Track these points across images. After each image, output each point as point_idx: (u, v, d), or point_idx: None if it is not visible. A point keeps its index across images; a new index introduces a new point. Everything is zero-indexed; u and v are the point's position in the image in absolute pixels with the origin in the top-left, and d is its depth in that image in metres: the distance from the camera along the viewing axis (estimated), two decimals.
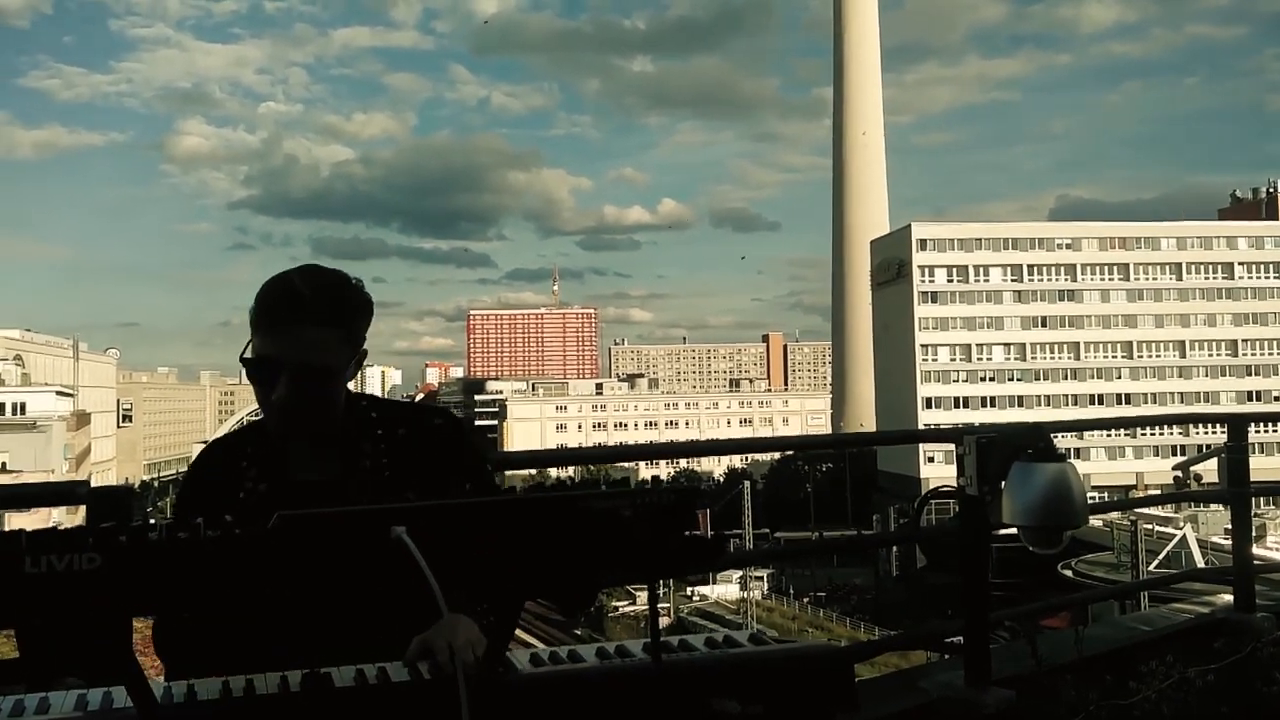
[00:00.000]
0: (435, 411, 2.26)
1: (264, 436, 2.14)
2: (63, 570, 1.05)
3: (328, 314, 2.01)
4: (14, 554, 1.04)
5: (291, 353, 1.99)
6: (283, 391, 2.00)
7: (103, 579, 1.08)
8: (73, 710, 1.52)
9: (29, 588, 1.04)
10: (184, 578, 1.13)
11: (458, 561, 1.22)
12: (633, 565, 1.21)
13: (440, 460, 2.14)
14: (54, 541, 1.07)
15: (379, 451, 2.12)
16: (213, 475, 2.15)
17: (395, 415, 2.20)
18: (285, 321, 1.99)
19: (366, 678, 1.66)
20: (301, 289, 2.00)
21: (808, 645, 1.80)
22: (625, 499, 1.20)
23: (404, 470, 2.11)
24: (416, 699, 1.63)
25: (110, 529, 1.10)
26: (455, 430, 2.24)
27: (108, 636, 1.16)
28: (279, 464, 2.10)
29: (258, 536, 1.17)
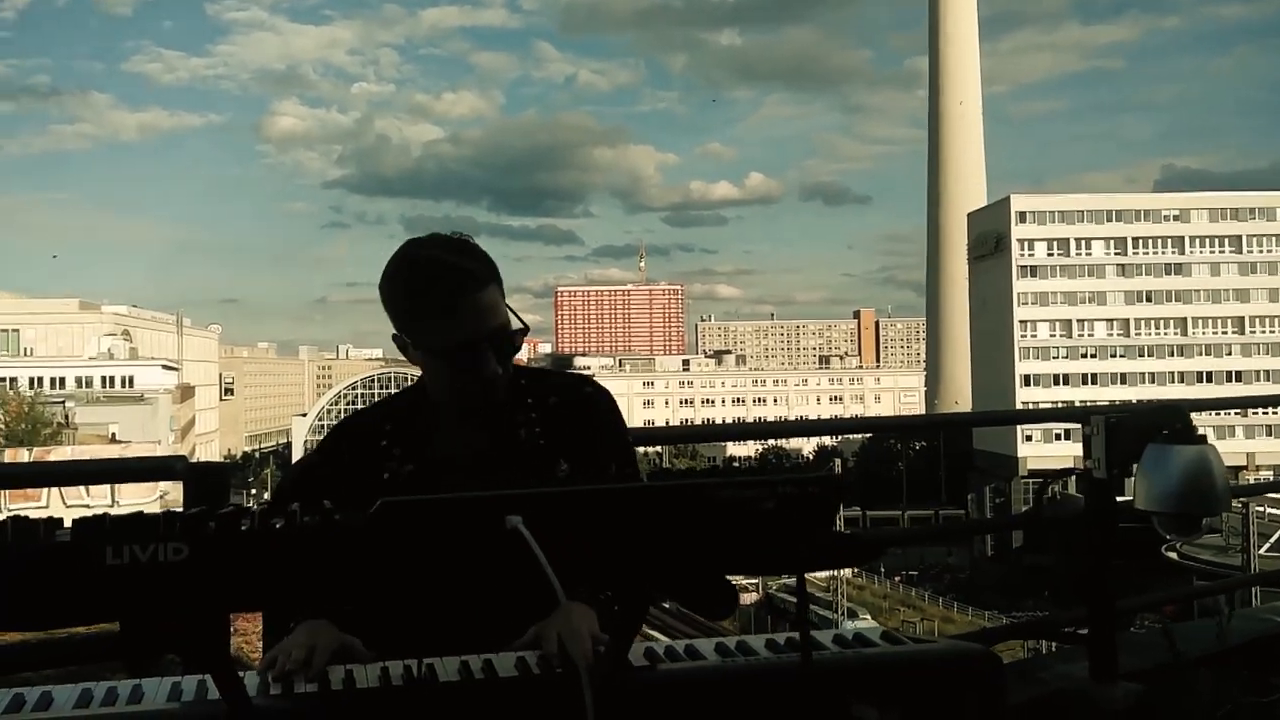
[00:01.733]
0: (584, 380, 2.16)
1: (403, 412, 2.05)
2: (147, 562, 0.95)
3: (484, 275, 1.92)
4: (94, 544, 0.95)
5: (481, 326, 1.90)
6: (491, 366, 1.91)
7: (190, 571, 0.97)
8: (165, 700, 1.44)
9: (111, 581, 0.95)
10: (279, 570, 1.02)
11: (576, 553, 1.09)
12: (777, 562, 1.08)
13: (592, 431, 2.04)
14: (137, 530, 0.97)
15: (531, 421, 2.02)
16: (347, 455, 2.04)
17: (545, 383, 2.10)
18: (462, 297, 1.89)
19: (472, 670, 1.56)
20: (452, 259, 1.90)
21: (956, 646, 1.64)
22: (765, 489, 1.06)
23: (557, 441, 2.00)
24: (527, 692, 1.52)
25: (199, 516, 1.00)
26: (605, 400, 2.13)
27: (196, 630, 1.06)
28: (423, 441, 2.00)
29: (359, 525, 1.06)
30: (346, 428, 2.14)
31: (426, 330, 1.94)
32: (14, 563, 0.95)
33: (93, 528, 0.98)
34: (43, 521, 0.99)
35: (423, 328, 1.94)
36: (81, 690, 1.47)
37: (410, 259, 1.95)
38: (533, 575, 1.10)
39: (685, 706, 1.48)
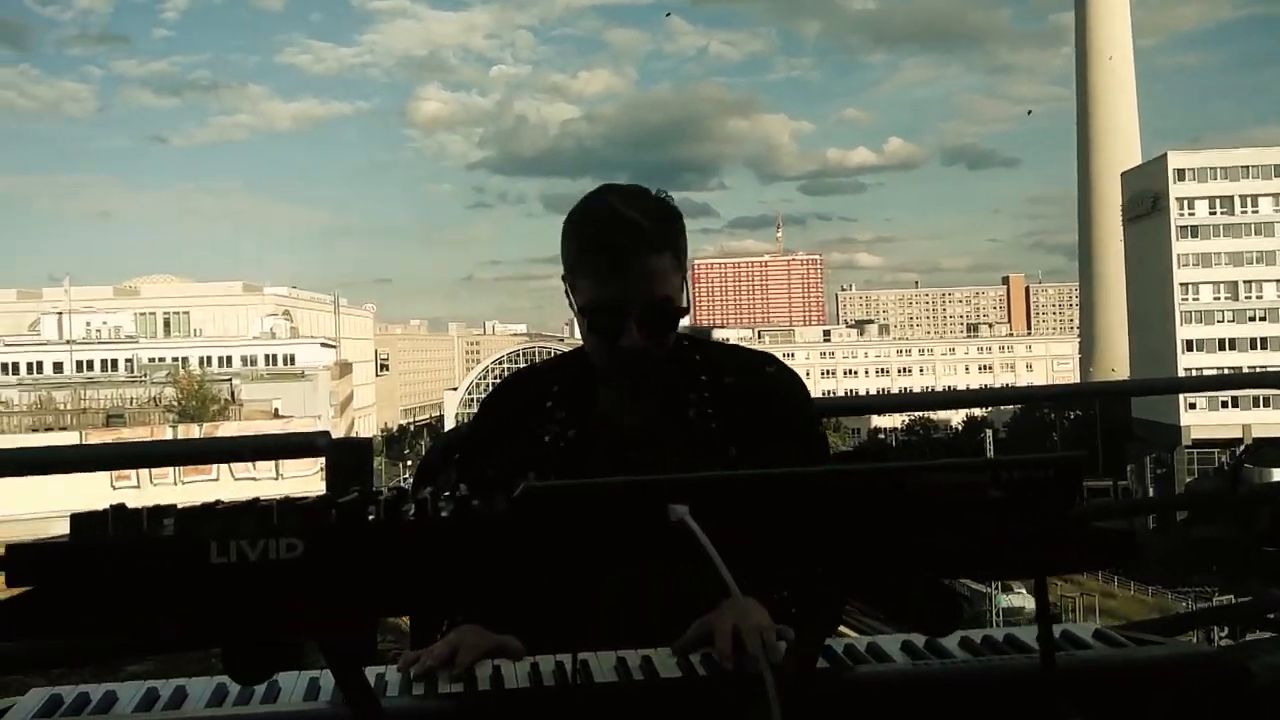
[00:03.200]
0: (765, 358, 1.96)
1: (571, 374, 1.89)
2: (256, 560, 0.82)
3: (660, 239, 1.75)
4: (198, 540, 0.82)
5: (636, 291, 1.73)
6: (632, 337, 1.74)
7: (304, 570, 0.84)
8: (301, 700, 1.34)
9: (215, 581, 0.82)
10: (409, 568, 0.88)
11: (752, 548, 0.92)
12: (1009, 564, 0.88)
13: (771, 417, 1.84)
14: (247, 524, 0.84)
15: (703, 399, 1.84)
16: (510, 414, 1.91)
17: (721, 359, 1.91)
18: (621, 256, 1.72)
19: (630, 669, 1.41)
20: (628, 215, 1.73)
21: (1187, 650, 1.42)
22: (988, 474, 0.86)
23: (729, 424, 1.82)
24: (690, 694, 1.36)
25: (317, 507, 0.86)
26: (789, 382, 1.93)
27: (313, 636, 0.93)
28: (589, 406, 1.84)
29: (499, 514, 0.91)
30: (511, 384, 2.00)
31: (582, 281, 1.78)
32: (111, 559, 0.82)
33: (198, 520, 0.85)
34: (148, 510, 0.86)
35: (581, 278, 1.78)
36: (216, 685, 1.37)
37: (589, 204, 1.81)
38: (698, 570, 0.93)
39: (874, 716, 1.30)
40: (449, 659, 1.46)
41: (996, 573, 0.90)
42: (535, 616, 1.47)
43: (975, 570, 0.89)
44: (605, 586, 0.98)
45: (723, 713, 1.31)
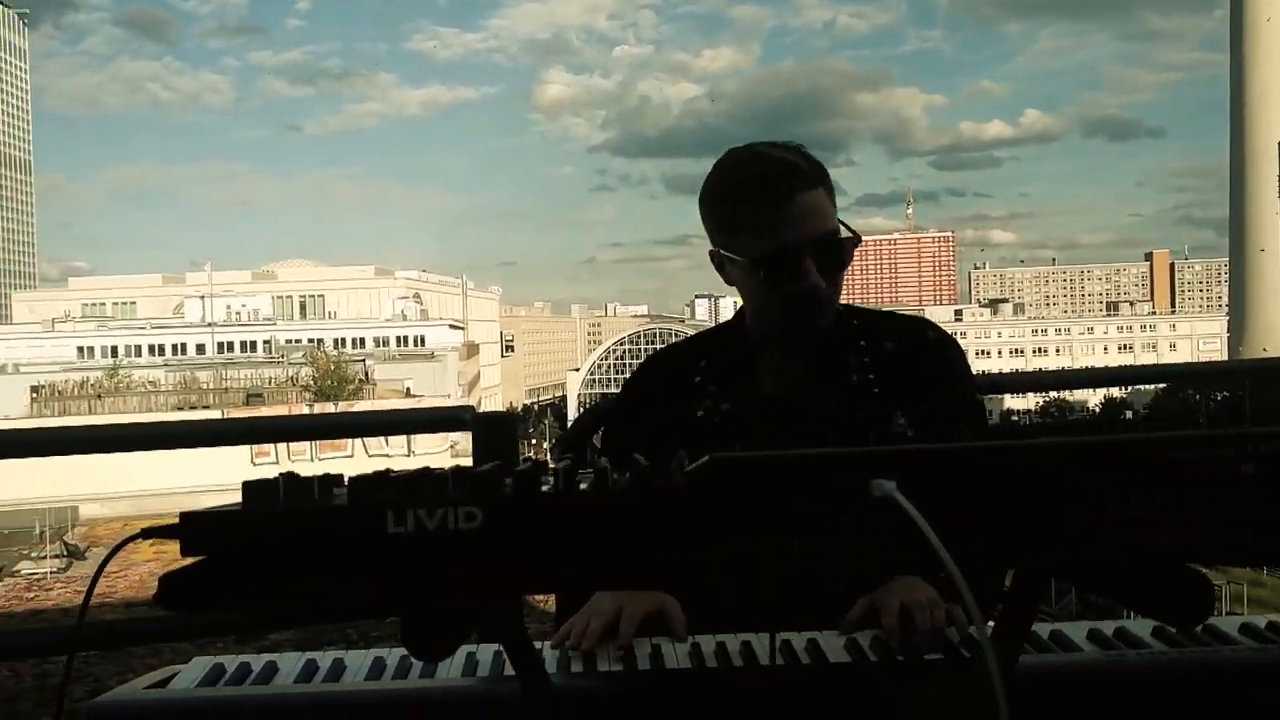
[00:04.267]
0: (926, 324, 1.89)
1: (717, 349, 1.84)
2: (435, 530, 0.78)
3: (817, 173, 1.69)
4: (374, 509, 0.78)
5: (806, 228, 1.65)
6: (814, 278, 1.67)
7: (483, 541, 0.79)
8: (460, 675, 1.31)
9: (393, 551, 0.78)
10: (586, 541, 0.83)
11: (957, 532, 0.84)
12: (1266, 548, 0.78)
13: (936, 382, 1.76)
14: (424, 491, 0.80)
15: (863, 366, 1.76)
16: (657, 393, 1.86)
17: (881, 326, 1.83)
18: (785, 197, 1.64)
19: (795, 651, 1.35)
20: (779, 155, 1.68)
21: None
22: (1232, 447, 0.77)
23: (892, 390, 1.74)
24: (858, 680, 1.29)
25: (492, 476, 0.81)
26: (952, 348, 1.85)
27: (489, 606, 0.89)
28: (741, 378, 1.79)
29: (680, 486, 0.85)
30: (658, 360, 1.95)
31: (744, 234, 1.70)
32: (285, 528, 0.79)
33: (372, 488, 0.81)
34: (318, 479, 0.83)
35: (741, 232, 1.71)
36: (374, 659, 1.36)
37: (733, 156, 1.74)
38: (901, 549, 0.86)
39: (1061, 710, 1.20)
40: (608, 631, 1.42)
41: (1252, 558, 0.80)
42: (712, 594, 1.42)
43: (1230, 556, 0.79)
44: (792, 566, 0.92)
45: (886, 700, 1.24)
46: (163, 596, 0.81)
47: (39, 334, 67.16)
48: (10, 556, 27.91)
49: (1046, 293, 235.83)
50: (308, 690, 1.28)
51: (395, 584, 0.78)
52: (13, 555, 28.07)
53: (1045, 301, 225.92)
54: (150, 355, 61.89)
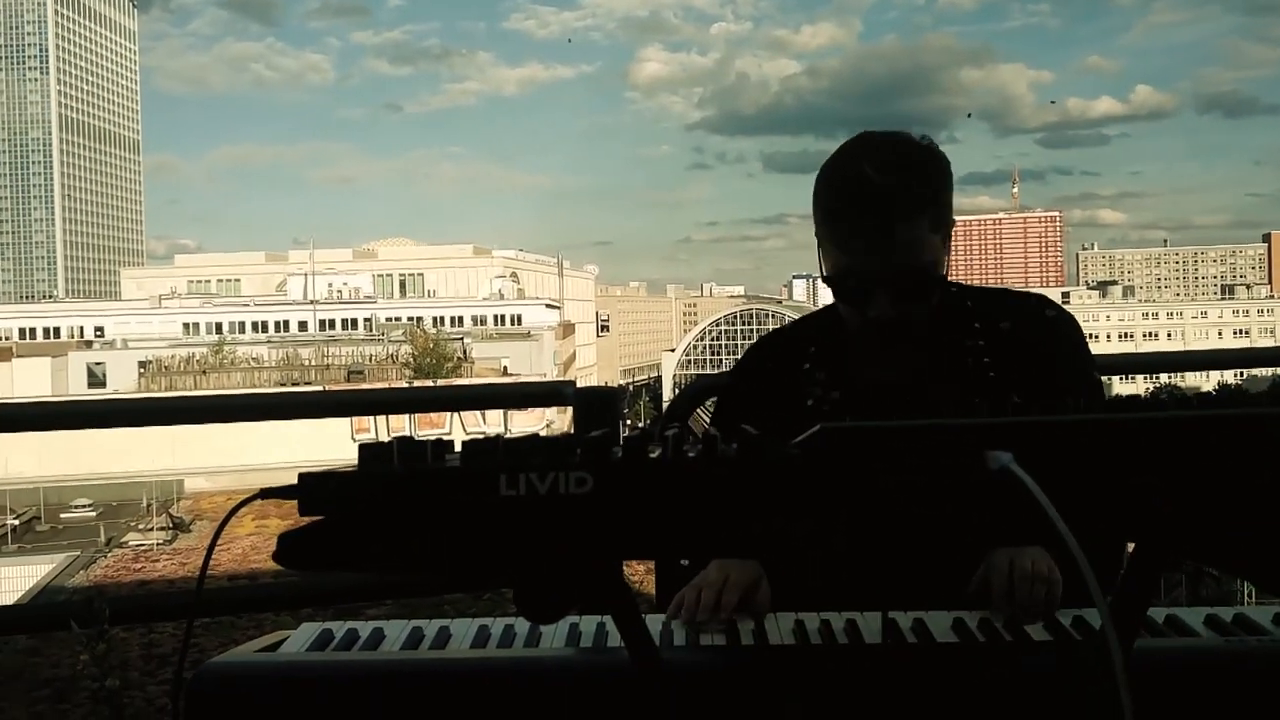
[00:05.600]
0: (1044, 302, 1.83)
1: (826, 333, 1.82)
2: (546, 493, 0.78)
3: (915, 203, 1.62)
4: (487, 472, 0.78)
5: (882, 261, 1.62)
6: (880, 308, 1.65)
7: (593, 506, 0.79)
8: (564, 645, 1.32)
9: (505, 513, 0.78)
10: (693, 509, 0.82)
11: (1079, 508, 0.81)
12: None
13: (1054, 363, 1.72)
14: (536, 455, 0.81)
15: (979, 348, 1.74)
16: (766, 381, 1.85)
17: (996, 305, 1.80)
18: (867, 225, 1.62)
19: (901, 630, 1.33)
20: (880, 181, 1.60)
21: None
22: None
23: (1010, 371, 1.71)
24: (967, 661, 1.27)
25: (602, 441, 0.81)
26: (1070, 327, 1.81)
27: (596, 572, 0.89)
28: (852, 366, 1.78)
29: (792, 456, 0.84)
30: (767, 345, 1.94)
31: (829, 245, 1.69)
32: (401, 489, 0.80)
33: (485, 451, 0.82)
34: (430, 443, 0.84)
35: (827, 241, 1.69)
36: (479, 628, 1.38)
37: (839, 163, 1.69)
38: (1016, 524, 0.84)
39: (1179, 695, 1.16)
40: (716, 604, 1.42)
41: None
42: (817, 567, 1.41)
43: None
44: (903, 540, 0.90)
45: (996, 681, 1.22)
46: (281, 554, 0.83)
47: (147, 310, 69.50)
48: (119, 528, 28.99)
49: (1158, 275, 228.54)
50: (415, 657, 1.31)
51: (507, 546, 0.79)
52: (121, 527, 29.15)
53: (1157, 284, 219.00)
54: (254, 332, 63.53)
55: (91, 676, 3.01)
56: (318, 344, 49.91)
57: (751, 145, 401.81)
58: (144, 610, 3.55)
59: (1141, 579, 0.91)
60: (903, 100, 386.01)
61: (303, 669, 1.29)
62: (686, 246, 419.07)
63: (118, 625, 3.02)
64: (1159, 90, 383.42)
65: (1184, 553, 0.86)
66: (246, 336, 59.26)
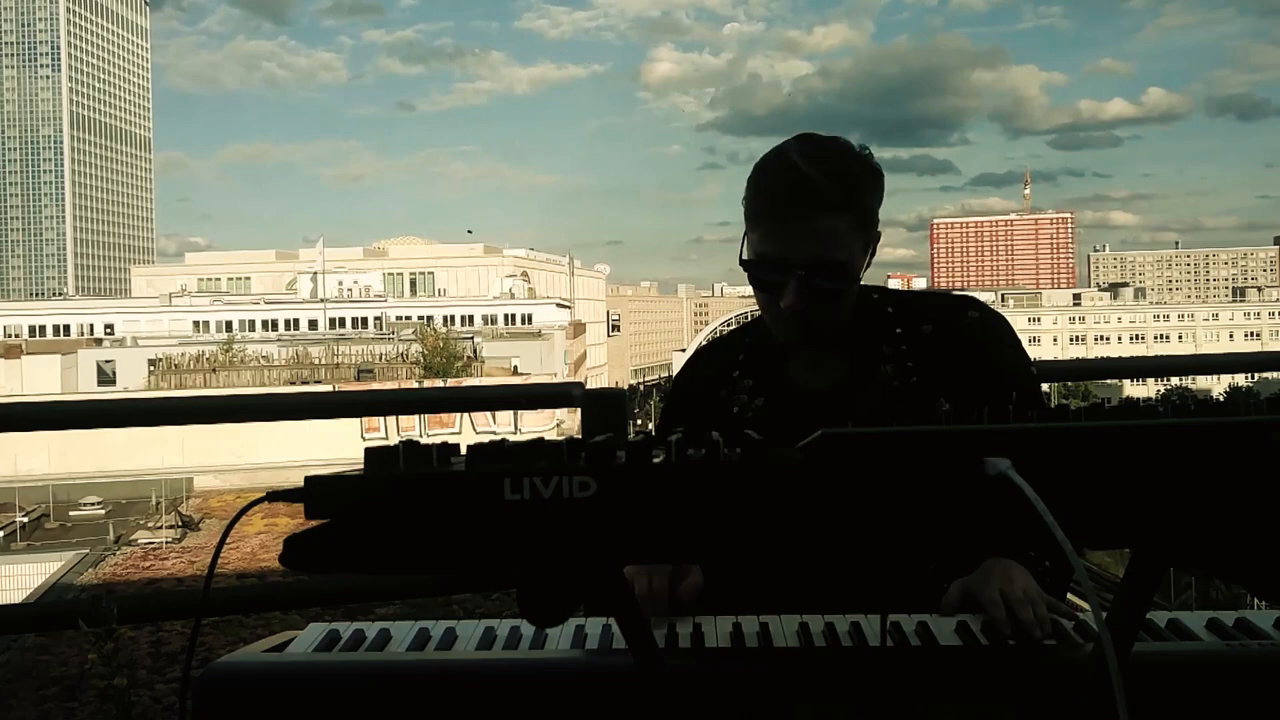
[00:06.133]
0: (967, 302, 1.81)
1: (758, 341, 1.82)
2: (550, 497, 0.79)
3: (838, 198, 1.61)
4: (492, 476, 0.79)
5: (799, 250, 1.62)
6: (791, 298, 1.64)
7: (596, 510, 0.80)
8: (569, 647, 1.33)
9: (508, 518, 0.79)
10: (696, 513, 0.83)
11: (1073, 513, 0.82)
12: None
13: (980, 364, 1.70)
14: (540, 459, 0.81)
15: (900, 354, 1.72)
16: (701, 386, 1.86)
17: (917, 309, 1.78)
18: (788, 213, 1.62)
19: (905, 633, 1.33)
20: (805, 170, 1.61)
21: None
22: None
23: (933, 375, 1.70)
24: (969, 663, 1.27)
25: (606, 445, 0.82)
26: (996, 326, 1.78)
27: (600, 576, 0.90)
28: (776, 372, 1.78)
29: (793, 461, 0.85)
30: (704, 352, 1.95)
31: (750, 233, 1.69)
32: (406, 493, 0.81)
33: (489, 455, 0.83)
34: (436, 447, 0.85)
35: (750, 229, 1.69)
36: (485, 629, 1.39)
37: (768, 157, 1.71)
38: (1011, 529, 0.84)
39: (1178, 699, 1.17)
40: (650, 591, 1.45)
41: None
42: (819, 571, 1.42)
43: None
44: (900, 545, 0.90)
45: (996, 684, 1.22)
46: (288, 556, 0.83)
47: (157, 308, 69.71)
48: (128, 526, 29.06)
49: (1169, 277, 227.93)
50: (421, 658, 1.31)
51: (511, 550, 0.79)
52: (130, 525, 29.21)
53: (1168, 286, 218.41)
54: (264, 330, 63.66)
55: (99, 675, 3.02)
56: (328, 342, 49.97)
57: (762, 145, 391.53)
58: (152, 609, 3.57)
59: (1139, 584, 0.92)
60: (914, 101, 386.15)
61: (309, 669, 1.29)
62: (697, 246, 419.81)
63: (126, 624, 3.03)
64: (1171, 92, 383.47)
65: (1181, 560, 0.86)
66: (256, 335, 59.38)
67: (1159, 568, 0.90)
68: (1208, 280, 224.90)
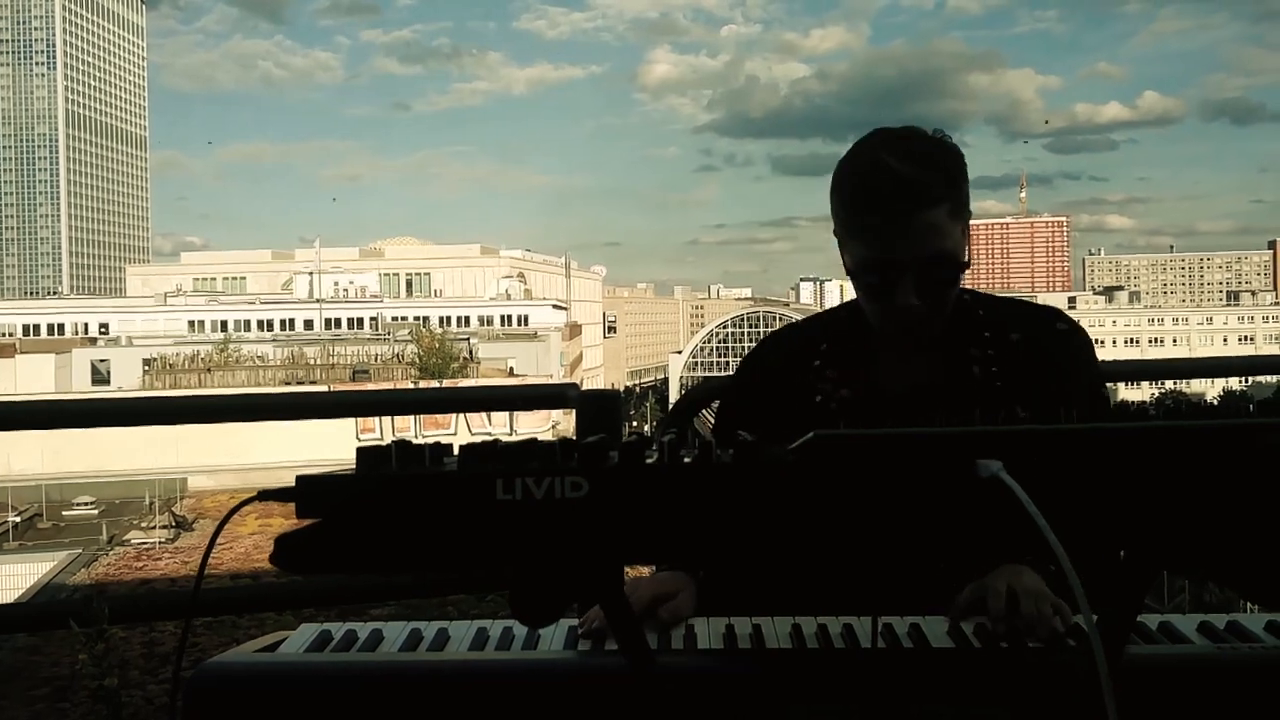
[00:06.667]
0: (1055, 314, 1.83)
1: (840, 332, 1.82)
2: (542, 498, 0.79)
3: (939, 190, 1.62)
4: (484, 477, 0.79)
5: (909, 248, 1.62)
6: (910, 295, 1.63)
7: (589, 510, 0.80)
8: (562, 648, 1.33)
9: (501, 518, 0.79)
10: (688, 514, 0.83)
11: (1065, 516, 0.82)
12: None
13: (1061, 375, 1.71)
14: (532, 460, 0.81)
15: (988, 358, 1.73)
16: (774, 373, 1.84)
17: (1007, 315, 1.79)
18: (894, 213, 1.61)
19: (898, 636, 1.33)
20: (900, 168, 1.61)
21: None
22: None
23: (1016, 383, 1.70)
24: (964, 666, 1.27)
25: (599, 446, 0.82)
26: (1081, 340, 1.80)
27: (593, 577, 0.90)
28: (863, 366, 1.77)
29: (785, 462, 0.85)
30: (778, 340, 1.93)
31: (853, 239, 1.69)
32: (398, 493, 0.81)
33: (482, 456, 0.82)
34: (429, 447, 0.85)
35: (850, 235, 1.69)
36: (477, 630, 1.38)
37: (855, 156, 1.69)
38: (1004, 531, 0.84)
39: (1168, 702, 1.17)
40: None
41: None
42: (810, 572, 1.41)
43: None
44: (893, 546, 0.90)
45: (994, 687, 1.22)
46: (278, 556, 0.83)
47: (152, 307, 69.56)
48: (121, 526, 28.97)
49: (1164, 281, 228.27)
50: (414, 659, 1.31)
51: (503, 550, 0.79)
52: (123, 525, 29.12)
53: (1163, 290, 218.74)
54: (259, 330, 63.51)
55: (90, 676, 3.01)
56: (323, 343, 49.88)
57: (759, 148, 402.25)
58: (143, 610, 3.56)
59: (1131, 587, 0.92)
60: (911, 104, 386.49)
61: (301, 670, 1.29)
62: (694, 248, 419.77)
63: (117, 625, 3.02)
64: (1166, 96, 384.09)
65: (1172, 563, 0.86)
66: (252, 335, 59.27)
67: (1151, 570, 0.90)
68: (1202, 284, 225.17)
